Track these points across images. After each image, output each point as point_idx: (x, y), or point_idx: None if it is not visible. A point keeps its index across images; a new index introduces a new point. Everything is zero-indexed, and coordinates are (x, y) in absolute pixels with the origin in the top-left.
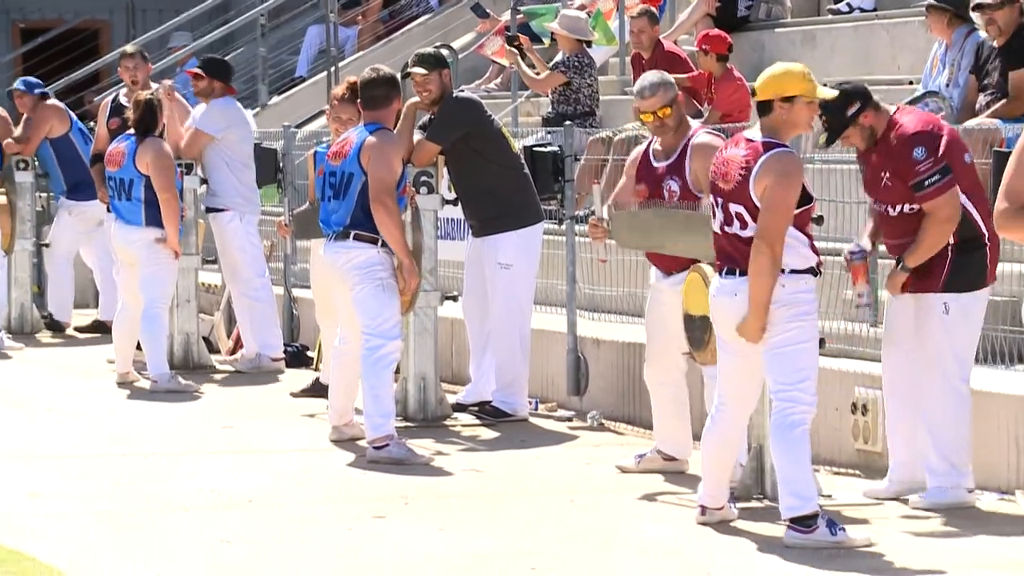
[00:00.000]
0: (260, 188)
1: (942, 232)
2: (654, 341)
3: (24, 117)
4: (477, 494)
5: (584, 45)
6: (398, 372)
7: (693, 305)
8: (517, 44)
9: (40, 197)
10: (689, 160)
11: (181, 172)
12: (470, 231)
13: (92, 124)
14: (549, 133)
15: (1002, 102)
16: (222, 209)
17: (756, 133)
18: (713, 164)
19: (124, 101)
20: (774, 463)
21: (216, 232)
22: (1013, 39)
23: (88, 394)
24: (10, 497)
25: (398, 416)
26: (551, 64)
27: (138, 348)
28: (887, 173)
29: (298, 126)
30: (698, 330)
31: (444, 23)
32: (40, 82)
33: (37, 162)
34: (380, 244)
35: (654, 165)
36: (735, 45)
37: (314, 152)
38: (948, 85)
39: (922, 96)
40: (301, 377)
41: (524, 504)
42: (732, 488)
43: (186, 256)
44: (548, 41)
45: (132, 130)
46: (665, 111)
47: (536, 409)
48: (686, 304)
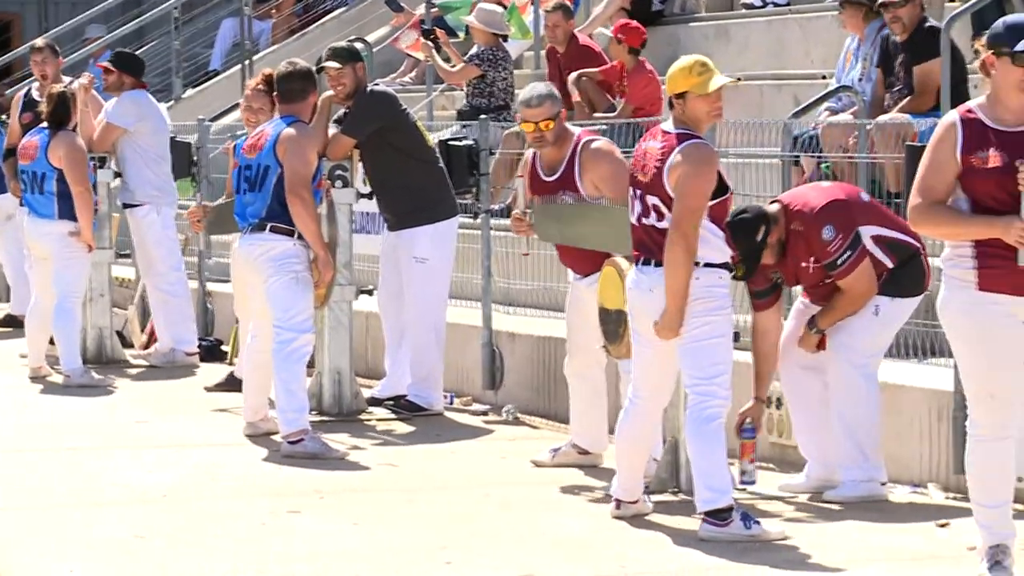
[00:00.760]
0: (175, 181)
1: (858, 303)
2: (574, 335)
3: None
4: (392, 488)
5: (499, 39)
6: (312, 366)
7: (608, 299)
8: (433, 37)
9: None
10: (580, 171)
11: (95, 166)
12: (385, 225)
13: (4, 117)
14: (464, 127)
15: (909, 98)
16: (138, 204)
17: (671, 125)
18: (633, 156)
19: (36, 96)
20: (689, 457)
21: (132, 226)
22: (916, 34)
23: (0, 389)
24: None
25: (313, 410)
26: (466, 57)
27: (51, 342)
28: (810, 262)
29: (212, 119)
30: (612, 324)
31: (358, 17)
32: None
33: None
34: (296, 237)
35: (543, 178)
36: (649, 39)
37: (234, 145)
38: (861, 80)
39: (835, 91)
40: (216, 371)
41: (439, 498)
42: (647, 482)
43: (100, 250)
44: (463, 35)
45: (45, 124)
46: (547, 124)
47: (451, 403)
48: (601, 298)
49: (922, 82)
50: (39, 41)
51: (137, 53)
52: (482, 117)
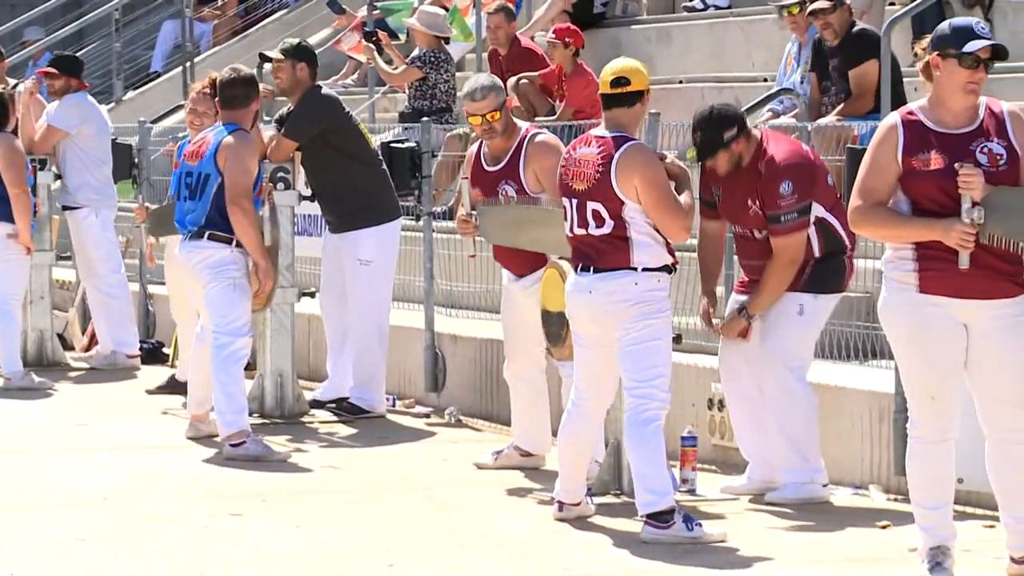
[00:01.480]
0: (115, 184)
1: (784, 276)
2: (512, 339)
3: None
4: (335, 491)
5: (441, 41)
6: (254, 369)
7: (550, 301)
8: (375, 39)
9: None
10: (524, 162)
11: (34, 168)
12: (327, 227)
13: None
14: (406, 129)
15: (847, 101)
16: (78, 206)
17: (603, 130)
18: (563, 166)
19: None
20: (629, 459)
21: (72, 228)
22: (847, 38)
23: None
24: None
25: (255, 413)
26: (408, 59)
27: None
28: (755, 202)
29: (153, 121)
30: (555, 326)
31: (300, 19)
32: None
33: None
34: (234, 244)
35: (486, 169)
36: (591, 42)
37: (179, 145)
38: (802, 82)
39: (776, 93)
40: (157, 374)
41: (382, 501)
42: (589, 484)
43: (40, 252)
44: (404, 37)
45: None
46: (494, 115)
47: (394, 405)
48: (544, 300)
49: (858, 85)
50: None
51: (77, 55)
52: (424, 119)
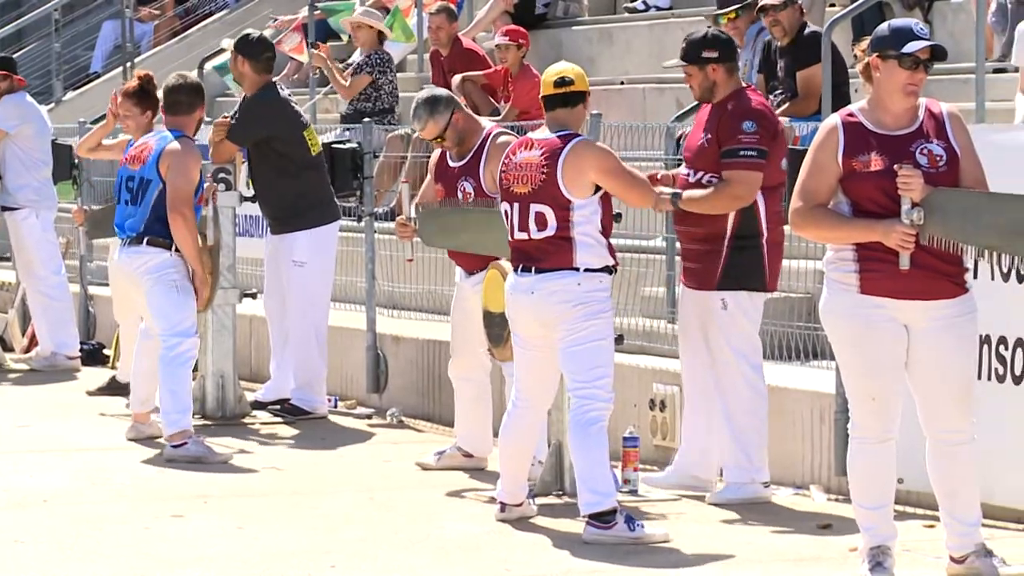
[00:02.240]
0: (55, 184)
1: (726, 201)
2: (458, 337)
3: None
4: (276, 492)
5: (380, 42)
6: (196, 370)
7: (492, 302)
8: (317, 53)
9: None
10: (485, 161)
11: None
12: (268, 228)
13: None
14: (347, 130)
15: (791, 101)
16: (17, 207)
17: (544, 131)
18: (502, 172)
19: None
20: (572, 460)
21: (11, 229)
22: (798, 39)
23: None
24: None
25: (196, 414)
26: (354, 67)
27: None
28: (710, 134)
29: (93, 122)
30: (497, 327)
31: (241, 19)
32: None
33: None
34: (173, 249)
35: (450, 164)
36: (532, 43)
37: (127, 144)
38: None
39: None
40: (97, 375)
41: (324, 502)
42: (531, 484)
43: None
44: (346, 38)
45: None
46: (438, 140)
47: (336, 406)
48: (485, 301)
49: (805, 86)
50: None
51: (16, 56)
52: (366, 120)
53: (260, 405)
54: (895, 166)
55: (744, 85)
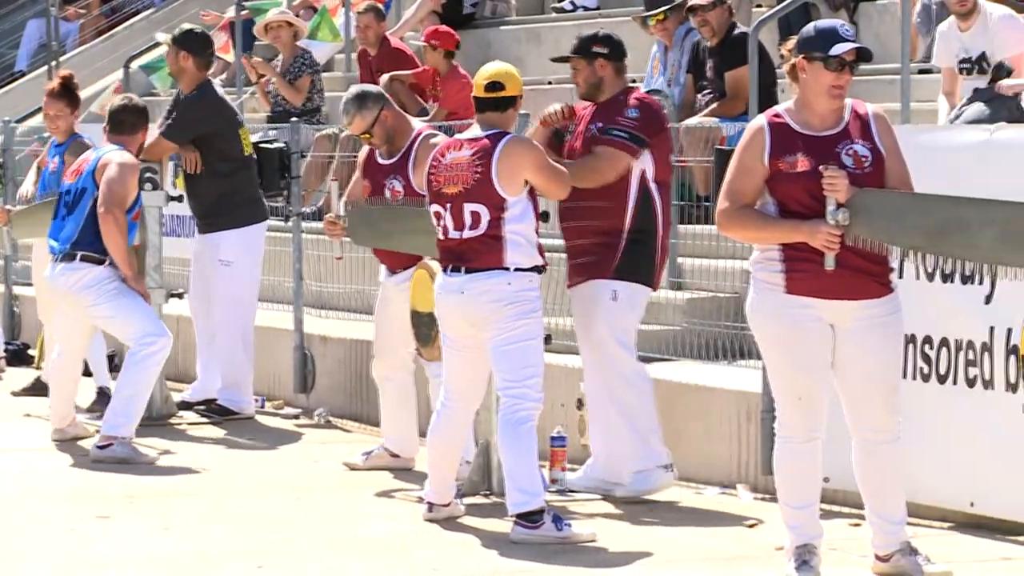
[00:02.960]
0: None
1: (585, 172)
2: (381, 337)
3: None
4: (203, 493)
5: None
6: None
7: (420, 302)
8: (261, 62)
9: None
10: (415, 160)
11: None
12: (195, 228)
13: None
14: (274, 129)
15: (719, 102)
16: None
17: (476, 131)
18: (431, 174)
19: None
20: (501, 459)
21: None
22: (727, 40)
23: None
24: None
25: None
26: (294, 70)
27: None
28: (600, 123)
29: (18, 121)
30: (425, 327)
31: (167, 18)
32: None
33: None
34: (107, 263)
35: (379, 162)
36: (460, 42)
37: (51, 145)
38: (670, 84)
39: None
40: (22, 376)
41: (251, 503)
42: (459, 484)
43: None
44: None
45: None
46: (366, 135)
47: (263, 407)
48: (413, 301)
49: (734, 87)
50: None
51: None
52: (293, 120)
53: (187, 405)
54: (820, 167)
55: (628, 85)
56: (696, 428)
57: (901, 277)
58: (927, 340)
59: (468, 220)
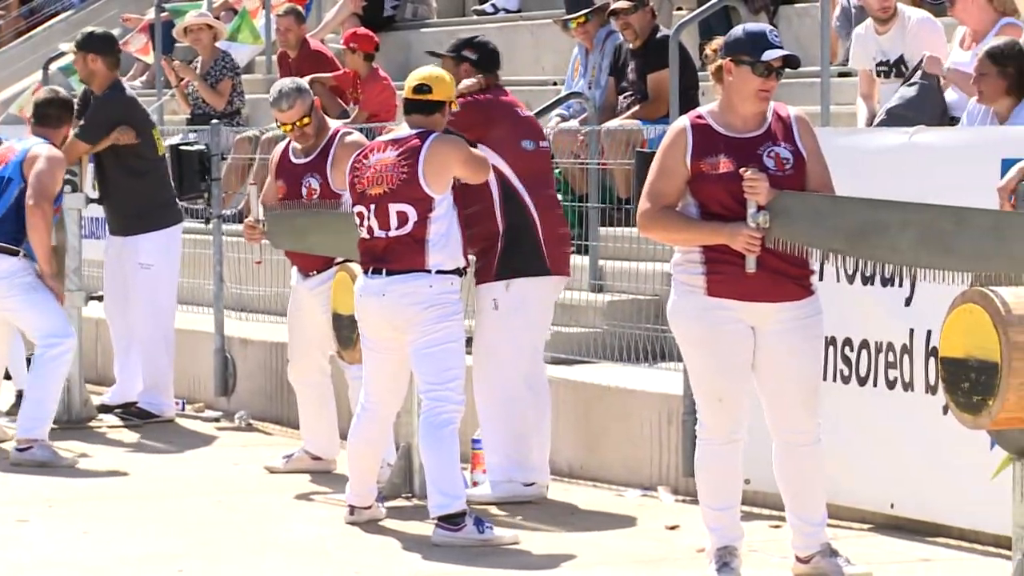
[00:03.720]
0: None
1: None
2: (295, 342)
3: None
4: (123, 496)
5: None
6: None
7: (342, 304)
8: (182, 66)
9: None
10: (332, 159)
11: None
12: (108, 230)
13: None
14: (194, 132)
15: (641, 104)
16: None
17: (404, 130)
18: (354, 174)
19: None
20: (423, 462)
21: None
22: (650, 43)
23: None
24: None
25: None
26: (215, 72)
27: None
28: None
29: None
30: (346, 329)
31: (86, 19)
32: None
33: None
34: (21, 255)
35: (293, 162)
36: (381, 45)
37: None
38: (591, 87)
39: (566, 97)
40: None
41: (171, 506)
42: (380, 487)
43: None
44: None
45: None
46: (303, 121)
47: (183, 410)
48: (335, 303)
49: (656, 90)
50: None
51: None
52: (213, 122)
53: (107, 408)
54: (741, 169)
55: (498, 85)
56: (617, 430)
57: (822, 279)
58: (847, 342)
59: (394, 221)
